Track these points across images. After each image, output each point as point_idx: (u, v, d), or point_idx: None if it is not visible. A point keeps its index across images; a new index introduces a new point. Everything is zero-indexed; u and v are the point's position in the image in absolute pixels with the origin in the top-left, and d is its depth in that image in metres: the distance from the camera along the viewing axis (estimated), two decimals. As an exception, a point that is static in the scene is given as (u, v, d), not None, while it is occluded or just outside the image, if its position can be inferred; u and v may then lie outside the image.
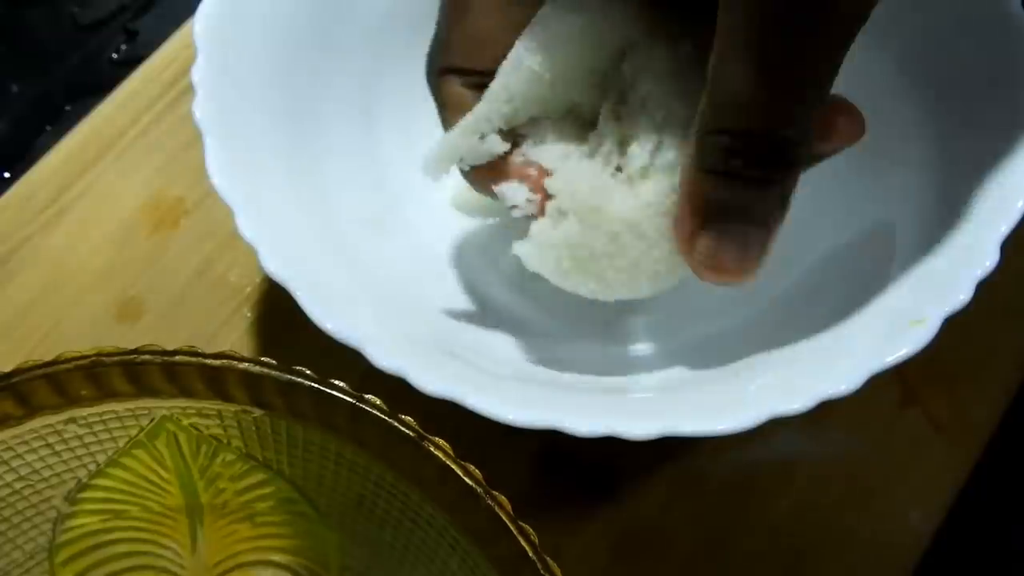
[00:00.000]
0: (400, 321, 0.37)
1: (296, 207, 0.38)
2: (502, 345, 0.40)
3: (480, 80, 0.35)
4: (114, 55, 0.55)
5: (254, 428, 0.35)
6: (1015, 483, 0.47)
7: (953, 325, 0.44)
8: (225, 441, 0.35)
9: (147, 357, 0.33)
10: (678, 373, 0.39)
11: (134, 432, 0.35)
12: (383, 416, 0.32)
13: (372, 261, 0.40)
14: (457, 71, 0.35)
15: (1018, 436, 0.45)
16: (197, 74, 0.38)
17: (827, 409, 0.33)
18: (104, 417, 0.34)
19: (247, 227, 0.35)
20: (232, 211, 0.35)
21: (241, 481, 0.36)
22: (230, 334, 0.45)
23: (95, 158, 0.49)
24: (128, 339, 0.44)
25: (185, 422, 0.35)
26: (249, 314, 0.45)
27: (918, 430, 0.45)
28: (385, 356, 0.33)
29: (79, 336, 0.45)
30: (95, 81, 0.55)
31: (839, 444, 0.45)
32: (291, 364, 0.33)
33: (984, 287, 0.45)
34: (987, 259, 0.35)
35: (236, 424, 0.35)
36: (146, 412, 0.34)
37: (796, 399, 0.33)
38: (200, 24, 0.39)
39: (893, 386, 0.45)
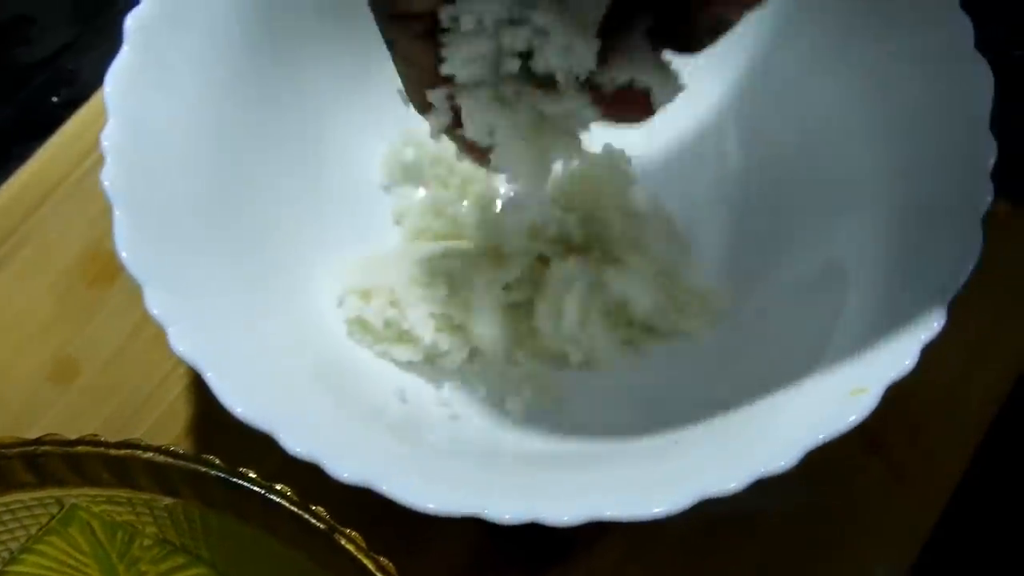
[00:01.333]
0: (323, 399, 0.36)
1: (218, 282, 0.37)
2: (434, 417, 0.39)
3: (426, 26, 0.32)
4: (54, 98, 0.53)
5: (166, 515, 0.33)
6: (983, 532, 0.45)
7: (916, 371, 0.43)
8: (140, 527, 0.34)
9: (48, 448, 0.32)
10: (610, 444, 0.37)
11: (45, 520, 0.34)
12: (293, 508, 0.31)
13: (299, 335, 0.39)
14: (402, 16, 0.33)
15: (986, 483, 0.43)
16: (107, 140, 0.36)
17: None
18: (12, 507, 0.33)
19: (156, 304, 0.34)
20: (141, 287, 0.34)
21: (162, 564, 0.35)
22: (166, 395, 0.43)
23: (35, 205, 0.48)
24: (64, 398, 0.44)
25: (96, 509, 0.33)
26: (185, 375, 0.44)
27: (882, 479, 0.43)
28: (298, 442, 0.32)
29: (13, 398, 0.44)
30: (41, 122, 0.53)
31: (801, 495, 0.43)
32: (223, 432, 0.32)
33: (952, 330, 0.44)
34: (934, 322, 0.33)
35: (148, 511, 0.33)
36: (54, 501, 0.33)
37: (730, 478, 0.32)
38: (111, 85, 0.37)
39: (857, 434, 0.43)
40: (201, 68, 0.39)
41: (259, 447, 0.32)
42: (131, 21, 0.38)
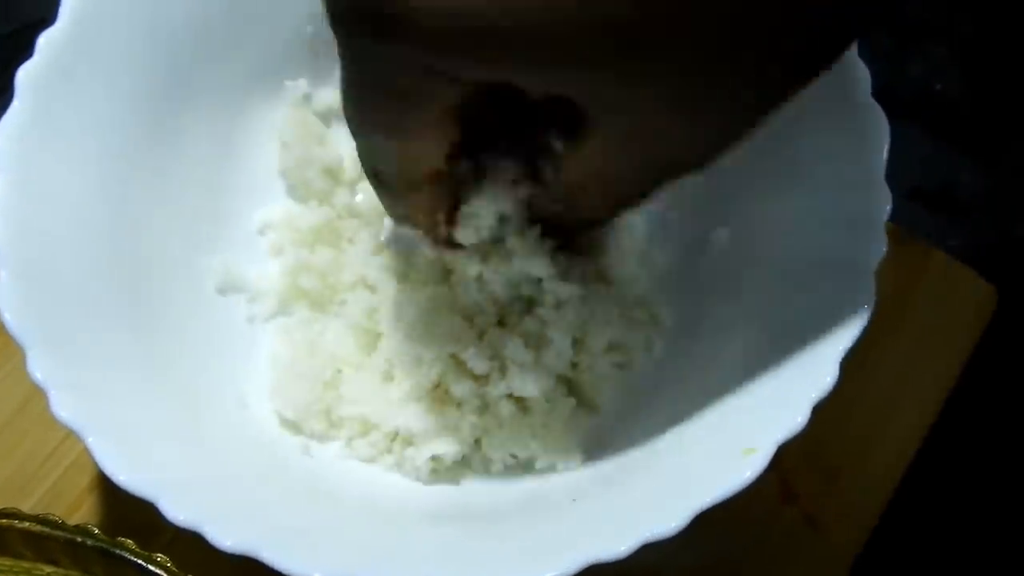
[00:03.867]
0: (214, 464, 0.35)
1: (105, 347, 0.36)
2: (336, 474, 0.38)
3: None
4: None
5: (50, 584, 0.33)
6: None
7: (832, 418, 0.43)
8: (25, 595, 0.33)
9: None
10: (505, 508, 0.37)
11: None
12: (171, 578, 0.30)
13: (191, 399, 0.38)
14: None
15: (900, 531, 0.43)
16: (-5, 199, 0.35)
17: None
18: None
19: (38, 368, 0.33)
20: (23, 351, 0.33)
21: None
22: (70, 452, 0.42)
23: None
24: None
25: (-22, 578, 0.33)
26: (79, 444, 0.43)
27: (796, 528, 0.42)
28: (179, 510, 0.31)
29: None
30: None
31: (714, 545, 0.42)
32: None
33: (861, 378, 0.44)
34: (826, 378, 0.33)
35: (31, 579, 0.33)
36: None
37: (619, 542, 0.31)
38: (1, 137, 0.36)
39: (772, 482, 0.43)
40: (97, 123, 0.39)
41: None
42: (22, 75, 0.37)
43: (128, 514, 0.33)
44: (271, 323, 0.43)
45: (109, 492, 0.42)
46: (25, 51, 0.38)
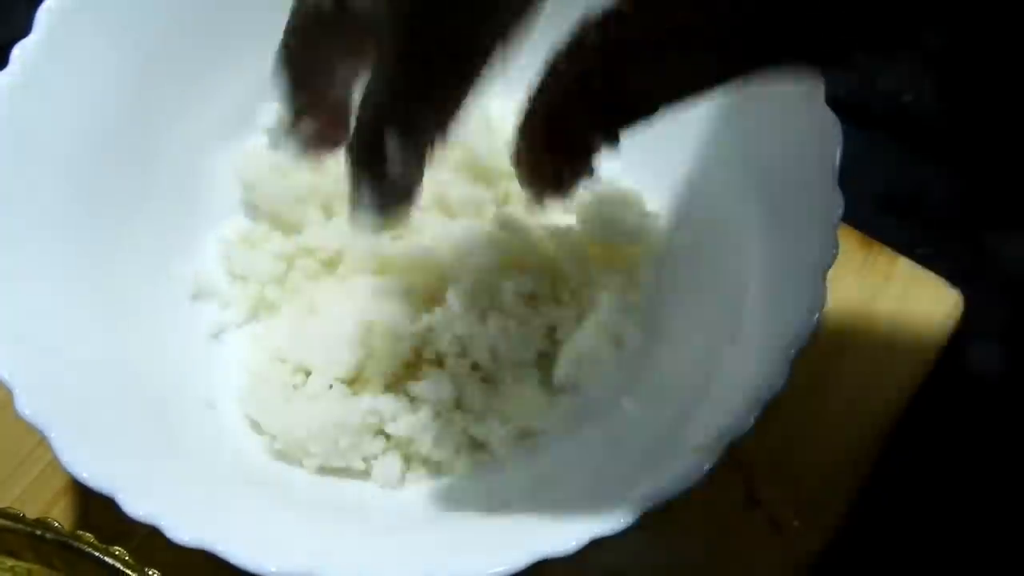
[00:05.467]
0: (177, 458, 0.36)
1: (83, 347, 0.37)
2: (293, 473, 0.39)
3: None
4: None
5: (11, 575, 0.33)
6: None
7: (796, 423, 0.43)
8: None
9: None
10: (450, 505, 0.38)
11: None
12: (127, 571, 0.31)
13: (176, 399, 0.39)
14: None
15: (861, 533, 0.44)
16: (-35, 202, 0.36)
17: (667, 511, 0.32)
18: None
19: (3, 367, 0.34)
20: (-11, 348, 0.34)
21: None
22: (31, 469, 0.43)
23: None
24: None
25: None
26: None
27: (760, 532, 0.43)
28: (137, 505, 0.32)
29: None
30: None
31: (678, 548, 0.43)
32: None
33: (826, 385, 0.44)
34: (777, 379, 0.33)
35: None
36: None
37: (567, 539, 0.32)
38: (-25, 145, 0.37)
39: (736, 486, 0.44)
40: (69, 132, 0.40)
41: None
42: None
43: (100, 517, 0.34)
44: (242, 330, 0.44)
45: (82, 496, 0.42)
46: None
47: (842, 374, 0.44)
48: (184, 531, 0.32)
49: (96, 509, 0.40)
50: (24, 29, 0.40)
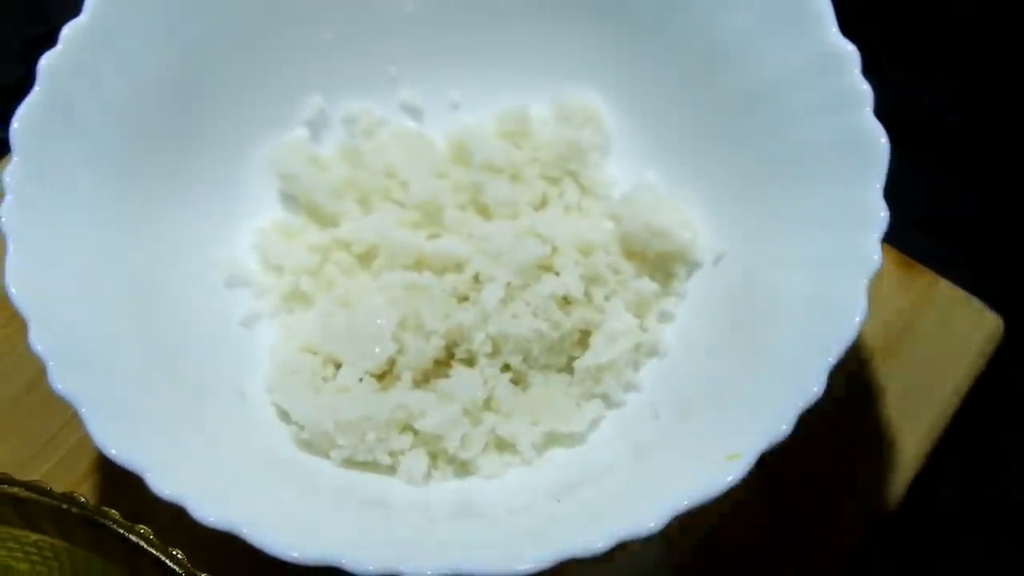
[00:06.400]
0: (206, 441, 0.36)
1: (119, 327, 0.37)
2: (319, 463, 0.39)
3: None
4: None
5: (36, 551, 0.33)
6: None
7: (831, 439, 0.42)
8: (12, 563, 0.34)
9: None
10: (479, 501, 0.37)
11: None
12: (151, 550, 0.31)
13: (207, 384, 0.39)
14: None
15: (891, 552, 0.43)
16: (9, 176, 0.36)
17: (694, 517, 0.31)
18: None
19: (39, 341, 0.34)
20: (27, 322, 0.34)
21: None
22: (74, 433, 0.43)
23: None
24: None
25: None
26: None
27: (787, 543, 0.42)
28: (165, 484, 0.32)
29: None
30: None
31: (702, 553, 0.42)
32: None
33: (862, 403, 0.43)
34: (813, 387, 0.33)
35: (18, 546, 0.34)
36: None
37: (595, 539, 0.31)
38: (18, 123, 0.37)
39: (764, 502, 0.43)
40: (114, 114, 0.40)
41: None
42: (45, 62, 0.38)
43: (123, 499, 0.34)
44: (274, 319, 0.44)
45: (106, 478, 0.42)
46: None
47: (879, 393, 0.44)
48: (209, 511, 0.31)
49: (119, 493, 0.41)
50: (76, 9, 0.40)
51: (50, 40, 0.52)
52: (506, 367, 0.41)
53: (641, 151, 0.46)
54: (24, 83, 0.55)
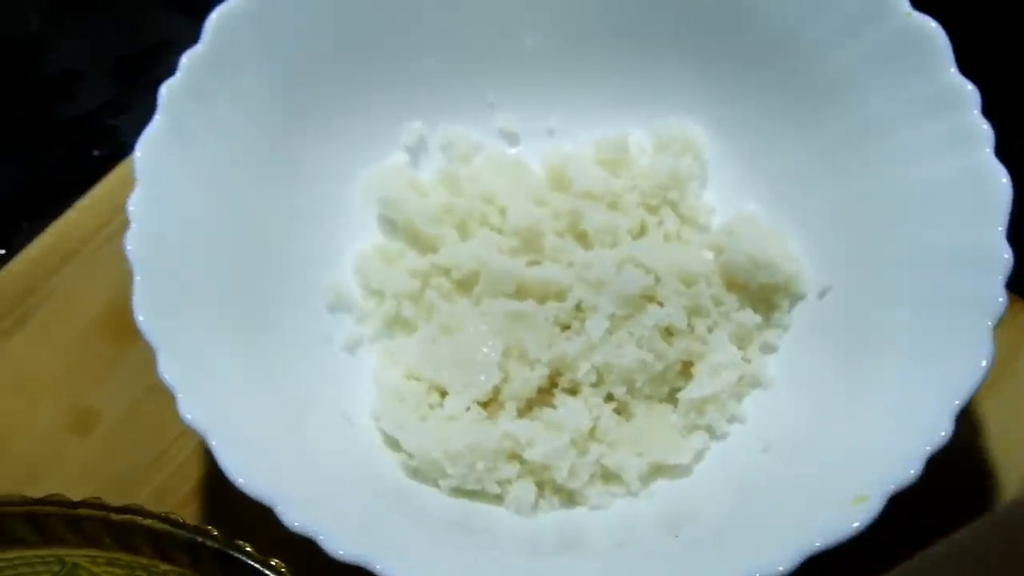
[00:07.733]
0: (331, 474, 0.36)
1: (231, 352, 0.37)
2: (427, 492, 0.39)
3: None
4: (96, 152, 0.55)
5: (166, 581, 0.34)
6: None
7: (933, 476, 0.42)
8: (140, 588, 0.34)
9: (51, 509, 0.32)
10: (610, 537, 0.37)
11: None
12: (282, 583, 0.31)
13: (314, 410, 0.39)
14: None
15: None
16: (134, 206, 0.37)
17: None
18: (14, 563, 0.34)
19: (168, 370, 0.34)
20: (154, 352, 0.34)
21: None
22: (177, 455, 0.44)
23: (60, 263, 0.48)
24: (79, 452, 0.44)
25: (97, 570, 0.34)
26: (196, 436, 0.44)
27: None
28: (296, 516, 0.32)
29: (30, 447, 0.44)
30: (80, 175, 0.54)
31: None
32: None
33: (965, 434, 0.43)
34: (941, 431, 0.33)
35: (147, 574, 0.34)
36: (55, 559, 0.34)
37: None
38: (141, 151, 0.38)
39: (866, 545, 0.43)
40: (228, 140, 0.40)
41: (265, 516, 0.32)
42: (165, 91, 0.39)
43: (223, 520, 0.34)
44: (376, 344, 0.44)
45: (210, 498, 0.43)
46: (151, 71, 0.40)
47: (978, 431, 0.43)
48: (340, 545, 0.32)
49: (225, 514, 0.41)
50: (177, 33, 0.40)
51: (143, 58, 0.53)
52: (609, 397, 0.41)
53: (739, 182, 0.46)
54: (119, 100, 0.56)
